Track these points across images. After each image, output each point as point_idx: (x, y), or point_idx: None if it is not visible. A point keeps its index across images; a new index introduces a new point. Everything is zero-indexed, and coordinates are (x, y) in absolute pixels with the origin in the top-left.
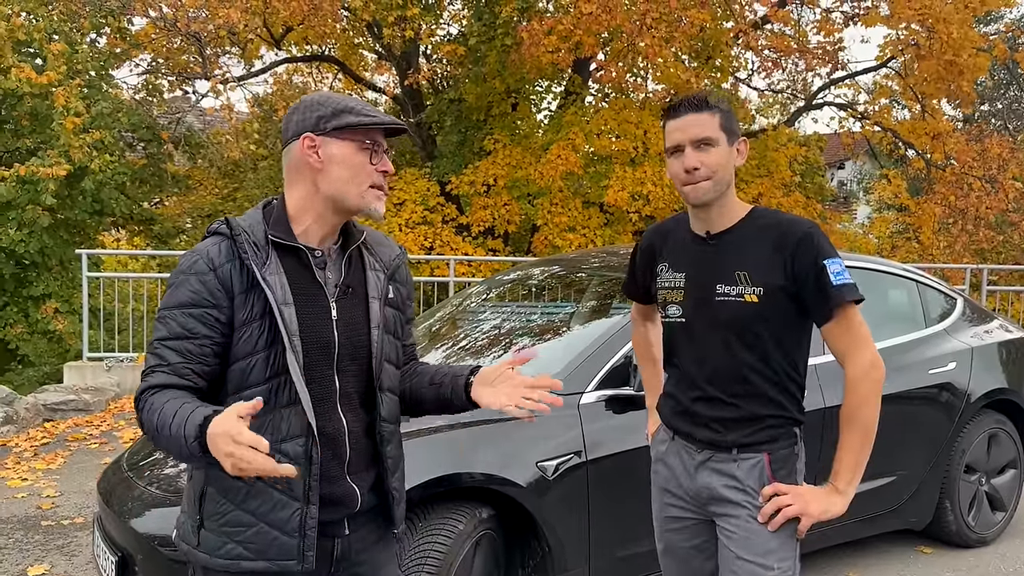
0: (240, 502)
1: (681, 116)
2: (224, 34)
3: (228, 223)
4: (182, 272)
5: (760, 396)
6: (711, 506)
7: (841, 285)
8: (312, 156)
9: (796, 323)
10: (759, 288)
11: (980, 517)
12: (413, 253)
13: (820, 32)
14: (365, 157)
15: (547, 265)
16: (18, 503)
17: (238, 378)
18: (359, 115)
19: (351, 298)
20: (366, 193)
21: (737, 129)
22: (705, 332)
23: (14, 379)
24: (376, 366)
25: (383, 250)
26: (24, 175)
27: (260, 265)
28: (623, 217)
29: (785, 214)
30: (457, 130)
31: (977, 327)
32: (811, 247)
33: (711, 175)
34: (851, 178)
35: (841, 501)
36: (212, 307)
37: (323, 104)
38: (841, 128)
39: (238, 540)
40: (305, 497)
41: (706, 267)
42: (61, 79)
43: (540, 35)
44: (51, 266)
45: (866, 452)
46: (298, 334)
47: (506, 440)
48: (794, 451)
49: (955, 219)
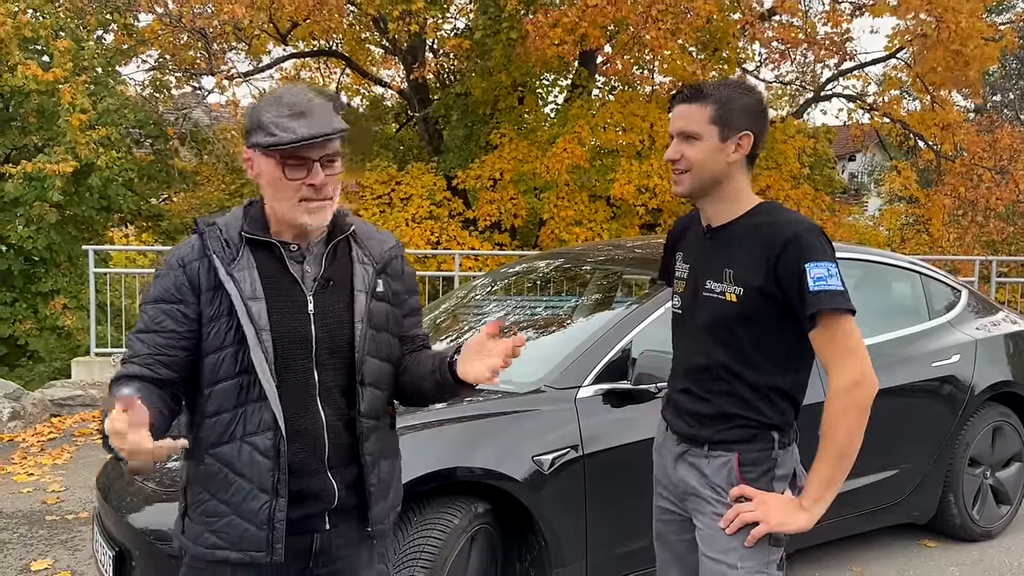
0: (215, 492)
1: (675, 105)
2: (229, 30)
3: (196, 221)
4: (160, 268)
5: (733, 396)
6: (687, 501)
7: (820, 291)
8: (249, 170)
9: (783, 328)
10: (739, 288)
11: (985, 511)
12: (419, 248)
13: (828, 23)
14: (280, 172)
15: (552, 258)
16: (23, 498)
17: (210, 372)
18: (268, 134)
19: (332, 291)
20: (295, 207)
21: (740, 122)
22: (693, 326)
23: (24, 375)
24: (358, 360)
25: (374, 243)
26: (31, 172)
27: (228, 262)
28: (630, 210)
29: (788, 212)
30: (463, 124)
31: (982, 319)
32: (798, 248)
33: (689, 168)
34: (862, 170)
35: (805, 517)
36: (179, 302)
37: (250, 116)
38: (850, 120)
39: (213, 530)
40: (274, 490)
41: (703, 261)
42: (67, 76)
43: (545, 28)
44: (59, 262)
45: (840, 472)
46: (268, 329)
47: (502, 434)
48: (771, 455)
49: (965, 211)
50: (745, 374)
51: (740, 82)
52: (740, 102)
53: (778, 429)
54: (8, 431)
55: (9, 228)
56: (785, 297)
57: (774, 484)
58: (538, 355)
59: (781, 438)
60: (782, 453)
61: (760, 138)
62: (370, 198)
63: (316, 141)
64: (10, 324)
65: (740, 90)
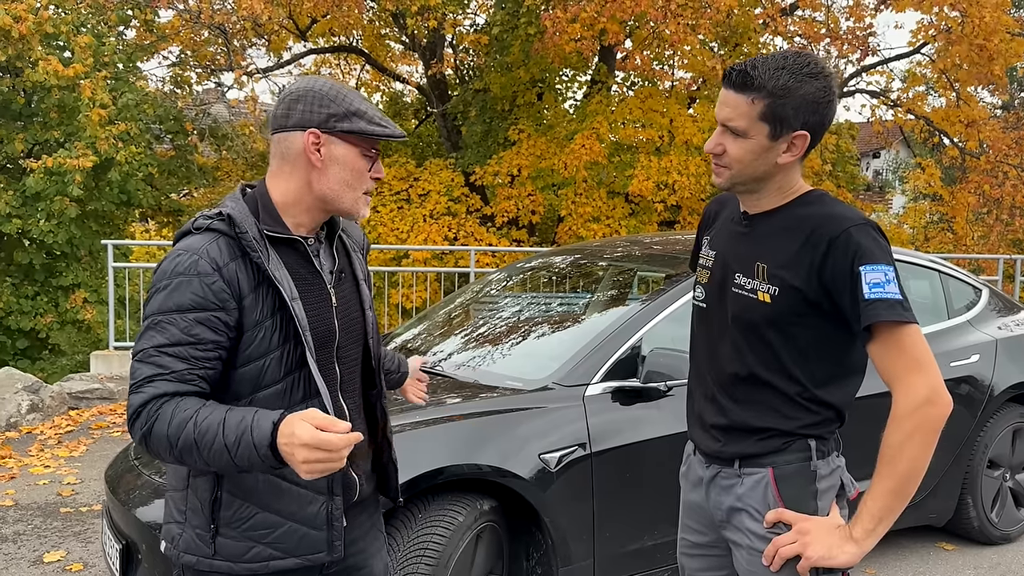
0: (265, 504)
1: (724, 89)
2: (249, 26)
3: (231, 219)
4: (180, 274)
5: (765, 407)
6: (724, 530)
7: (876, 300)
8: (314, 154)
9: (828, 339)
10: (773, 287)
11: (1004, 514)
12: (437, 244)
13: (850, 17)
14: (366, 164)
15: (568, 254)
16: (39, 490)
17: (252, 379)
18: (372, 123)
19: (345, 283)
20: (359, 199)
21: (796, 120)
22: (720, 325)
23: (47, 368)
24: (374, 345)
25: (354, 230)
26: (51, 167)
27: (265, 262)
28: (648, 207)
29: (840, 204)
30: (482, 120)
31: (1003, 318)
32: (848, 248)
33: (730, 165)
34: (886, 167)
35: (853, 550)
36: (219, 310)
37: (335, 101)
38: (873, 116)
39: (266, 542)
40: (329, 490)
41: (733, 250)
42: (88, 71)
43: (564, 23)
44: (80, 256)
45: (900, 502)
46: (308, 327)
47: (509, 432)
48: (809, 467)
49: (989, 209)
50: (780, 384)
51: (804, 62)
52: (800, 93)
53: (816, 437)
54: (27, 423)
55: (31, 222)
56: (833, 304)
57: (818, 501)
58: (547, 352)
59: (820, 446)
60: (822, 464)
61: (821, 131)
62: (388, 194)
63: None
64: (31, 317)
65: (802, 75)
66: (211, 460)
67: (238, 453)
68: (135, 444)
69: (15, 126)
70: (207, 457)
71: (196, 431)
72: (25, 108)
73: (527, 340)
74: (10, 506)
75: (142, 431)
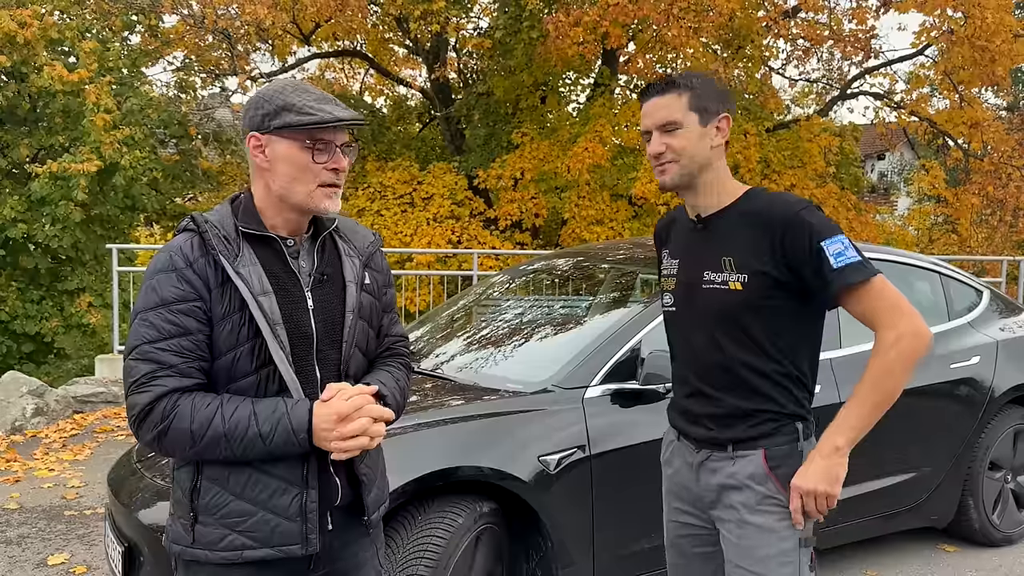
0: (239, 492)
1: (648, 100)
2: (252, 31)
3: (194, 219)
4: (160, 271)
5: (750, 391)
6: (713, 510)
7: (844, 267)
8: (259, 156)
9: (794, 313)
10: (743, 275)
11: (1005, 515)
12: (440, 247)
13: (853, 20)
14: (307, 156)
15: (570, 256)
16: (44, 493)
17: (226, 372)
18: (299, 113)
19: (327, 285)
20: (314, 193)
21: (715, 106)
22: (693, 323)
23: (52, 372)
24: (346, 351)
25: (357, 237)
26: (56, 171)
27: (232, 258)
28: (651, 209)
29: (779, 194)
30: (485, 124)
31: (1005, 320)
32: (802, 228)
33: (677, 158)
34: (891, 169)
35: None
36: (198, 299)
37: (269, 101)
38: (876, 118)
39: (240, 530)
40: (304, 481)
41: (695, 253)
42: (92, 76)
43: (566, 27)
44: (85, 261)
45: (872, 421)
46: (281, 323)
47: (508, 434)
48: (797, 447)
49: (993, 210)
50: (760, 365)
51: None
52: (710, 86)
53: (800, 419)
54: (32, 427)
55: (36, 227)
56: (798, 279)
57: None
58: (546, 355)
59: (804, 428)
60: (807, 445)
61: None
62: (392, 197)
63: (351, 124)
64: (37, 322)
65: (703, 76)
66: (241, 450)
67: (274, 441)
68: (140, 444)
69: (20, 131)
70: (236, 448)
71: (225, 425)
72: (30, 113)
73: (528, 343)
74: (15, 509)
75: (156, 429)
